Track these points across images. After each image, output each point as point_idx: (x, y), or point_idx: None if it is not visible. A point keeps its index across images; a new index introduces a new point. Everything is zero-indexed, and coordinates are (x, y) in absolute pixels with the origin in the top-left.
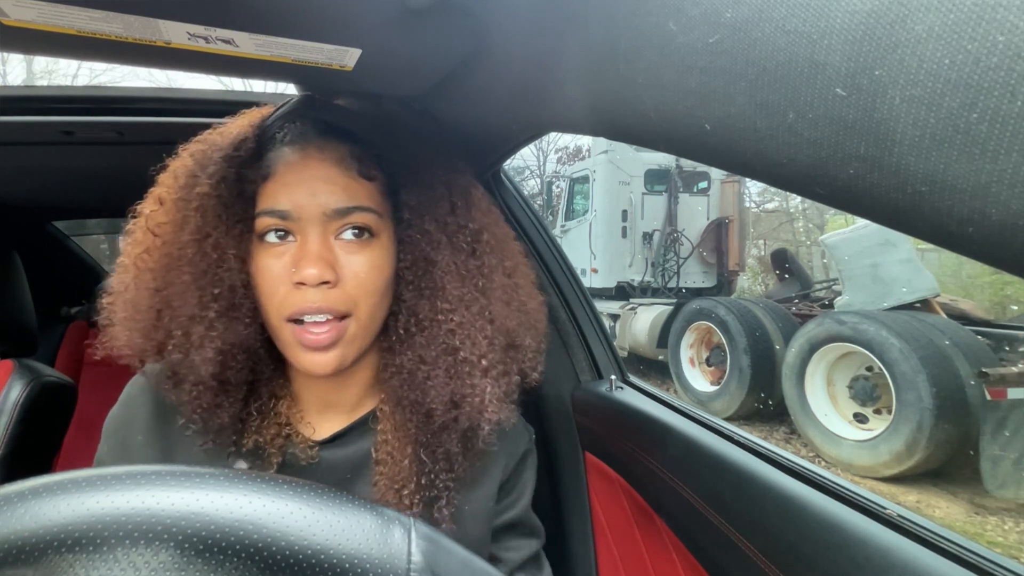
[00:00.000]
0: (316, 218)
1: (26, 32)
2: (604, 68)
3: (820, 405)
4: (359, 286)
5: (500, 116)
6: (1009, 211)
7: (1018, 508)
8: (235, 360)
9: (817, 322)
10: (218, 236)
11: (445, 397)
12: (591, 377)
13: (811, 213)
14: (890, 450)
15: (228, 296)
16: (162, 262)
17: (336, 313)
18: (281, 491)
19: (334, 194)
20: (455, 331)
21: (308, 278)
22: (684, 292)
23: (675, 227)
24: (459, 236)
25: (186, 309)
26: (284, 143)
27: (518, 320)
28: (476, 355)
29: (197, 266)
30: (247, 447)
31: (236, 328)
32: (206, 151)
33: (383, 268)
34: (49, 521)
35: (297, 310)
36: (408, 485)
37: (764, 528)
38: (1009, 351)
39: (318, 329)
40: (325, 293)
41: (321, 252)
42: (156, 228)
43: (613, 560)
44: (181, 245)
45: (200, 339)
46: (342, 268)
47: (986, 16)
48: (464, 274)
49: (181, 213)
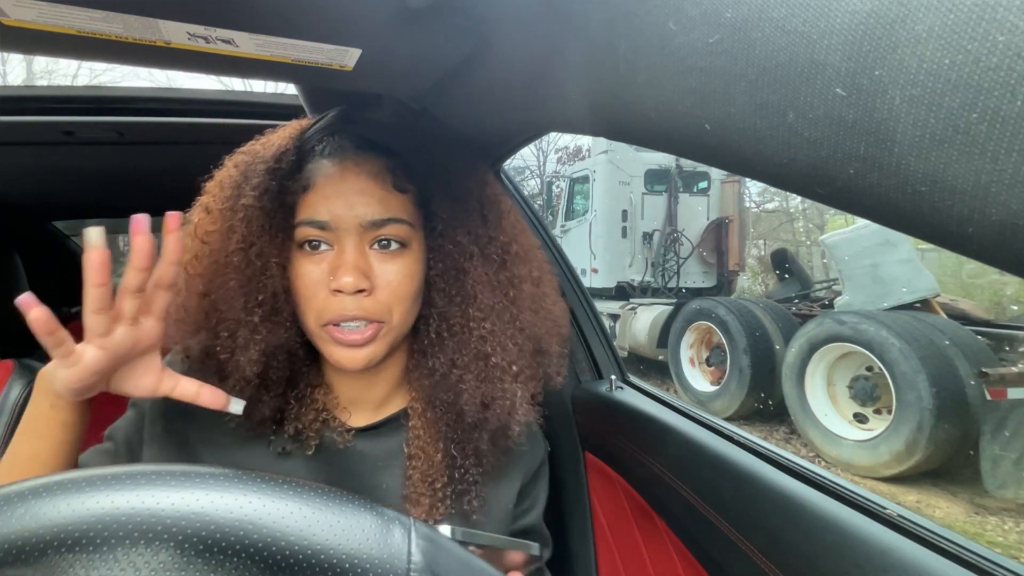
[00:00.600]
0: (353, 228)
1: (26, 32)
2: (604, 68)
3: (820, 405)
4: (392, 294)
5: (500, 116)
6: (1009, 211)
7: (1018, 508)
8: (276, 360)
9: (817, 322)
10: (262, 245)
11: (476, 399)
12: (591, 377)
13: (811, 213)
14: (890, 450)
15: (271, 301)
16: (210, 268)
17: (371, 319)
18: (281, 491)
19: (370, 206)
20: (487, 338)
21: (345, 286)
22: (684, 292)
23: (675, 227)
24: (490, 248)
25: (232, 313)
26: (323, 156)
27: (545, 327)
28: (507, 361)
29: (243, 273)
30: (288, 433)
31: (278, 332)
32: (250, 163)
33: (415, 276)
34: (49, 521)
35: (335, 316)
36: (440, 479)
37: (764, 528)
38: (1009, 351)
39: (353, 329)
40: (360, 301)
41: (357, 262)
42: (204, 236)
43: (613, 560)
44: (228, 253)
45: (245, 342)
46: (376, 277)
47: (986, 16)
48: (495, 284)
49: (227, 223)
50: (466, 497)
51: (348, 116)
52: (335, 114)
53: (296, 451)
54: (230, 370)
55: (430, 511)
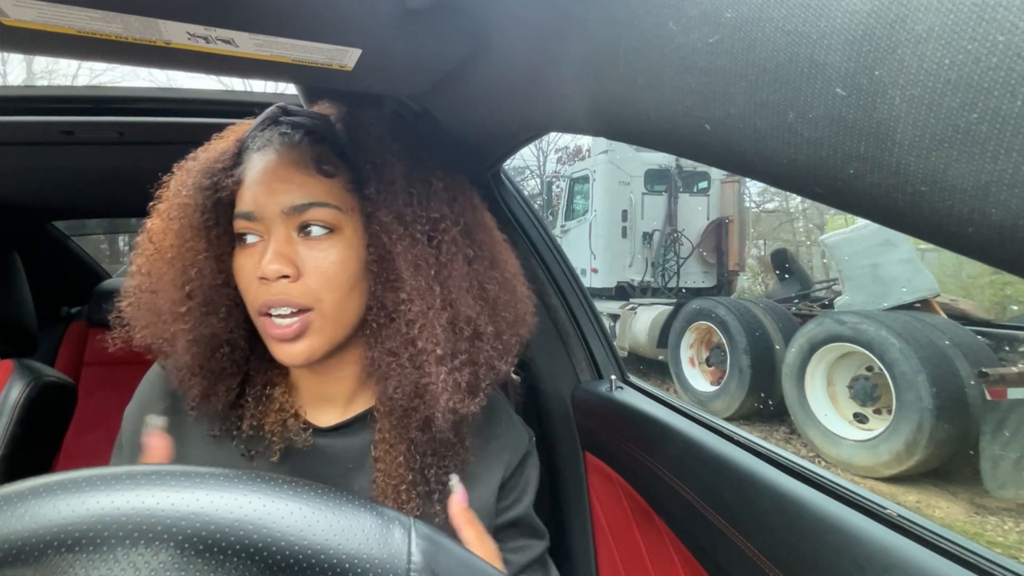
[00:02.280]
0: (277, 216)
1: (26, 32)
2: (604, 68)
3: (820, 405)
4: (321, 279)
5: (500, 116)
6: (1009, 211)
7: (1018, 508)
8: (217, 351)
9: (817, 322)
10: (194, 240)
11: (408, 388)
12: (591, 377)
13: (811, 213)
14: (890, 450)
15: (201, 294)
16: (155, 267)
17: (297, 306)
18: (281, 491)
19: (290, 192)
20: (414, 321)
21: (268, 273)
22: (684, 292)
23: (675, 227)
24: (416, 225)
25: (167, 306)
26: (253, 150)
27: (481, 308)
28: (432, 344)
29: (176, 267)
30: (247, 433)
31: (210, 321)
32: (192, 166)
33: (347, 262)
34: (49, 521)
35: (262, 303)
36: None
37: (764, 528)
38: (1009, 351)
39: (283, 321)
40: (286, 287)
41: (280, 248)
42: (152, 237)
43: (613, 560)
44: (165, 250)
45: (174, 333)
46: (304, 263)
47: (986, 16)
48: (420, 264)
49: (166, 222)
50: (431, 498)
51: (283, 110)
52: (270, 110)
53: (262, 452)
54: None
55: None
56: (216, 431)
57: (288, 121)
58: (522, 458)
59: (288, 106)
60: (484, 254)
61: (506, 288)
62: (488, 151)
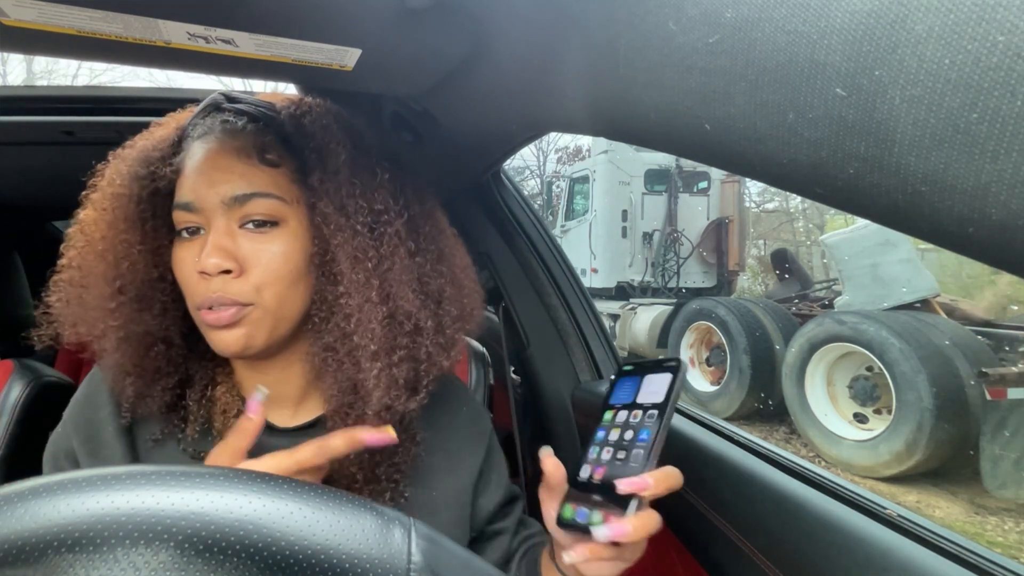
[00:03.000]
0: (217, 207)
1: (26, 32)
2: (604, 68)
3: (820, 405)
4: (263, 273)
5: (500, 116)
6: (1009, 211)
7: (1018, 508)
8: (150, 349)
9: (817, 322)
10: (128, 232)
11: (345, 384)
12: (591, 377)
13: (811, 213)
14: (890, 450)
15: (134, 288)
16: (85, 260)
17: (238, 303)
18: (281, 491)
19: (231, 182)
20: (350, 315)
21: (208, 267)
22: (684, 292)
23: (675, 227)
24: (358, 217)
25: (97, 301)
26: (195, 138)
27: (422, 303)
28: (367, 339)
29: (107, 260)
30: (191, 436)
31: (142, 318)
32: (128, 154)
33: (290, 255)
34: (49, 521)
35: (202, 300)
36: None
37: (764, 528)
38: (1009, 351)
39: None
40: (226, 283)
41: (221, 241)
42: (84, 228)
43: None
44: (96, 242)
45: (103, 330)
46: (246, 257)
47: (986, 16)
48: (359, 256)
49: (98, 213)
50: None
51: (226, 97)
52: (212, 96)
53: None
54: (104, 361)
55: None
56: (158, 434)
57: (231, 108)
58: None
59: (233, 93)
60: (430, 247)
61: (453, 282)
62: (488, 151)
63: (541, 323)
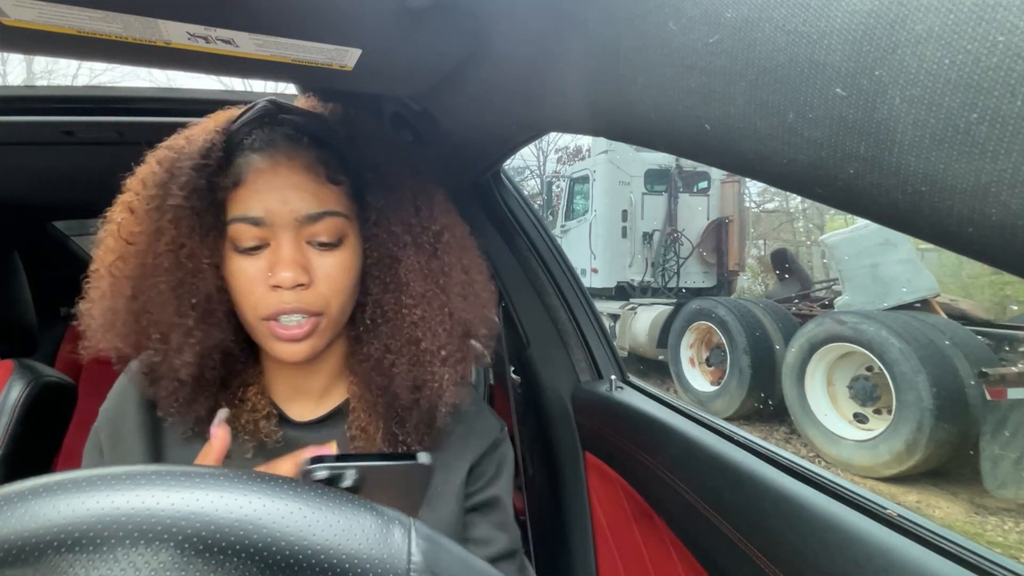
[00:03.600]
0: (289, 224)
1: (26, 32)
2: (604, 68)
3: (820, 405)
4: (331, 286)
5: (500, 116)
6: (1009, 211)
7: (1018, 508)
8: (212, 360)
9: (817, 322)
10: (192, 246)
11: (408, 383)
12: (591, 377)
13: (811, 213)
14: (890, 450)
15: (205, 304)
16: (138, 271)
17: (309, 311)
18: (281, 491)
19: (304, 200)
20: (418, 324)
21: (284, 281)
22: (684, 292)
23: (675, 227)
24: (423, 237)
25: (164, 316)
26: (253, 150)
27: (474, 313)
28: (436, 346)
29: (174, 275)
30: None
31: (213, 332)
32: (175, 159)
33: (352, 268)
34: (49, 521)
35: (274, 311)
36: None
37: (764, 528)
38: (1009, 351)
39: (291, 321)
40: (299, 294)
41: (296, 256)
42: (129, 237)
43: (613, 560)
44: (156, 255)
45: (179, 345)
46: (315, 270)
47: (986, 16)
48: (427, 272)
49: (155, 224)
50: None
51: (278, 106)
52: (263, 105)
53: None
54: (163, 373)
55: None
56: (189, 432)
57: (289, 121)
58: (491, 444)
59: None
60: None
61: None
62: (488, 151)
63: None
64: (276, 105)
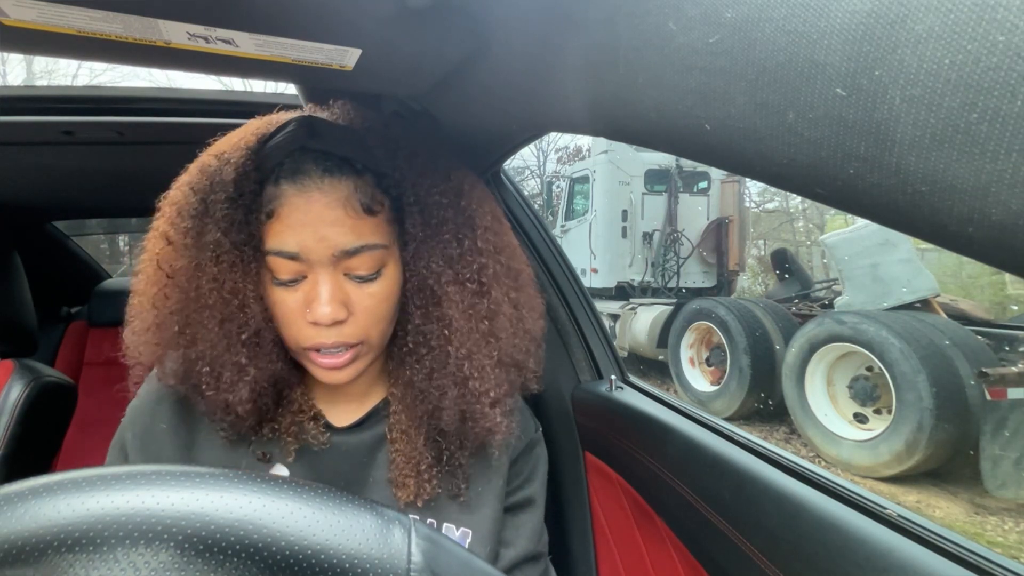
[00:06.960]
0: (325, 259)
1: (26, 32)
2: (604, 68)
3: (820, 405)
4: (369, 317)
5: (500, 116)
6: (1009, 211)
7: (1018, 508)
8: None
9: (817, 322)
10: (235, 280)
11: (454, 414)
12: (591, 377)
13: (811, 213)
14: (890, 450)
15: (254, 338)
16: (182, 304)
17: (350, 344)
18: (281, 491)
19: (342, 235)
20: (464, 363)
21: (322, 318)
22: (684, 292)
23: (675, 227)
24: (465, 272)
25: (215, 353)
26: (284, 179)
27: (524, 347)
28: (485, 387)
29: (222, 311)
30: (266, 436)
31: (265, 366)
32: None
33: (391, 297)
34: (49, 521)
35: (313, 344)
36: (425, 460)
37: (764, 528)
38: (1009, 351)
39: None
40: (339, 329)
41: (333, 292)
42: (171, 271)
43: (613, 560)
44: (200, 291)
45: (233, 382)
46: (354, 304)
47: (986, 16)
48: (472, 312)
49: (194, 260)
50: (454, 479)
51: (308, 129)
52: (294, 128)
53: (278, 454)
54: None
55: (417, 493)
56: (233, 436)
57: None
58: (528, 444)
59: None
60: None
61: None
62: (488, 151)
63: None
64: (308, 126)
